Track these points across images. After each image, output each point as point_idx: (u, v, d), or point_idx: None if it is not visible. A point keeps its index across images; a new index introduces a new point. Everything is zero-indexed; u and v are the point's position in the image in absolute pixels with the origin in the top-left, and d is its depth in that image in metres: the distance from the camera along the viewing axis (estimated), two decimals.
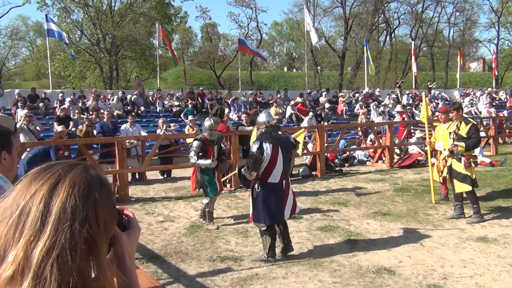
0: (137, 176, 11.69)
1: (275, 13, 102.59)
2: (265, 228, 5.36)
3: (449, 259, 5.17)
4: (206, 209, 6.97)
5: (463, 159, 6.74)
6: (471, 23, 43.72)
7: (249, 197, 5.72)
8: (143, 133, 12.08)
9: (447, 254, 5.36)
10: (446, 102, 23.44)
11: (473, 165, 6.75)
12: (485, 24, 45.74)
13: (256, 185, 5.40)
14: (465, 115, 8.02)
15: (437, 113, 8.46)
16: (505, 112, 19.21)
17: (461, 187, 6.75)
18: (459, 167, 6.76)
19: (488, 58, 49.35)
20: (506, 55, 44.42)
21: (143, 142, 12.10)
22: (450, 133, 6.95)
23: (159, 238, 6.39)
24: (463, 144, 6.65)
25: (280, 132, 6.29)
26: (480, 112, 22.11)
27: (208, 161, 6.81)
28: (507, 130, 17.45)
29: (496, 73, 34.43)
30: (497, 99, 26.12)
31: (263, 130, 5.57)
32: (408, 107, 17.79)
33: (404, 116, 15.41)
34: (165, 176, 12.05)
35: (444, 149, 7.07)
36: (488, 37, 75.87)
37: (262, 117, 5.72)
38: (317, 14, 36.67)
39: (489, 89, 29.28)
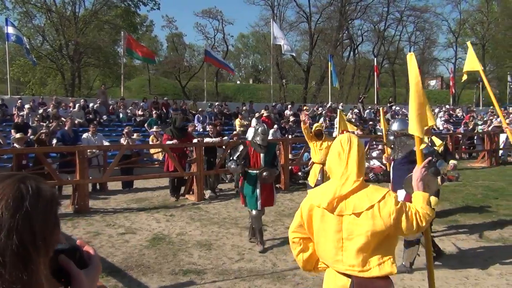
0: (98, 187, 11.44)
1: (241, 25, 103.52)
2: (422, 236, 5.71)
3: (410, 278, 5.28)
4: (255, 226, 6.45)
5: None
6: (430, 42, 45.44)
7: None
8: (106, 143, 11.84)
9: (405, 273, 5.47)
10: (407, 118, 24.08)
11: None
12: (443, 44, 47.79)
13: None
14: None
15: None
16: (461, 129, 19.94)
17: None
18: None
19: (446, 76, 51.27)
20: (463, 74, 46.24)
21: (105, 152, 11.86)
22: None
23: (120, 250, 6.24)
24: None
25: None
26: (438, 128, 22.86)
27: (232, 165, 6.36)
28: (463, 146, 18.11)
29: (454, 91, 35.79)
30: (454, 116, 27.10)
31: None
32: (371, 122, 18.18)
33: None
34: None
35: None
36: (446, 56, 78.81)
37: (395, 126, 6.23)
38: (283, 28, 37.23)
39: (447, 106, 30.40)
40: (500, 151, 17.45)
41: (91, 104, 18.34)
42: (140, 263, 5.71)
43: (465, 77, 5.40)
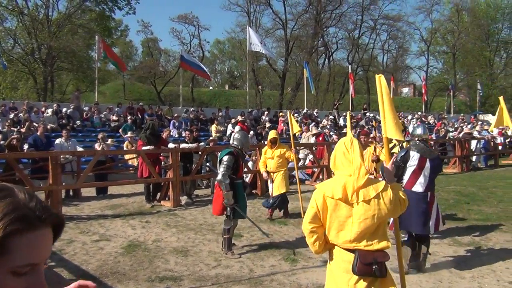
0: (71, 193, 11.23)
1: (217, 31, 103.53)
2: (406, 238, 5.55)
3: None
4: (226, 236, 6.32)
5: None
6: (403, 50, 46.33)
7: None
8: (79, 148, 11.66)
9: None
10: (380, 125, 24.48)
11: None
12: (415, 52, 48.66)
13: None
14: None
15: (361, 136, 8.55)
16: (433, 135, 20.37)
17: None
18: None
19: (418, 84, 52.37)
20: (435, 82, 47.34)
21: (79, 158, 11.66)
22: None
23: (94, 258, 6.13)
24: None
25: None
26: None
27: (231, 201, 6.17)
28: None
29: (426, 98, 36.58)
30: (426, 122, 27.66)
31: (417, 143, 5.78)
32: (346, 129, 18.37)
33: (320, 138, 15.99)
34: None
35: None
36: (419, 64, 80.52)
37: (418, 130, 5.95)
38: (259, 34, 37.45)
39: (419, 113, 31.05)
40: (474, 157, 17.93)
41: (64, 109, 18.03)
42: (115, 270, 5.62)
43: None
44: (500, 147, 20.69)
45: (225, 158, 6.27)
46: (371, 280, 2.88)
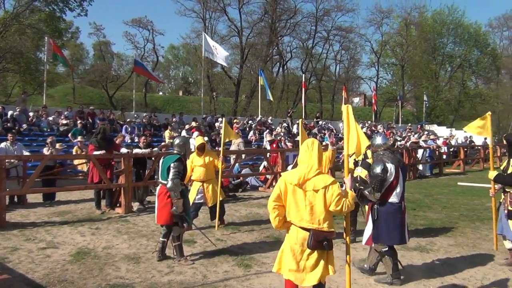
0: (16, 199, 10.76)
1: (172, 36, 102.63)
2: (386, 249, 5.47)
3: (335, 281, 5.43)
4: (177, 243, 6.22)
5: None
6: (355, 61, 47.62)
7: (367, 218, 5.71)
8: (25, 153, 11.20)
9: (334, 276, 5.64)
10: (332, 132, 25.07)
11: None
12: (366, 63, 50.25)
13: (377, 205, 5.47)
14: None
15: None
16: None
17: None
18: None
19: (368, 94, 54.05)
20: (384, 92, 48.98)
21: (25, 162, 11.20)
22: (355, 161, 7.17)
23: (41, 266, 5.90)
24: None
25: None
26: None
27: (181, 209, 6.07)
28: None
29: (375, 108, 37.74)
30: (376, 131, 28.54)
31: (381, 153, 5.62)
32: (299, 137, 18.67)
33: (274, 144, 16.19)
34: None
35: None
36: (369, 75, 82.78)
37: (378, 140, 5.77)
38: (215, 41, 37.43)
39: (369, 122, 32.00)
40: (420, 165, 18.70)
41: (9, 112, 17.25)
42: (63, 278, 5.43)
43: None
44: (444, 156, 21.67)
45: (175, 164, 6.06)
46: (321, 252, 3.76)
